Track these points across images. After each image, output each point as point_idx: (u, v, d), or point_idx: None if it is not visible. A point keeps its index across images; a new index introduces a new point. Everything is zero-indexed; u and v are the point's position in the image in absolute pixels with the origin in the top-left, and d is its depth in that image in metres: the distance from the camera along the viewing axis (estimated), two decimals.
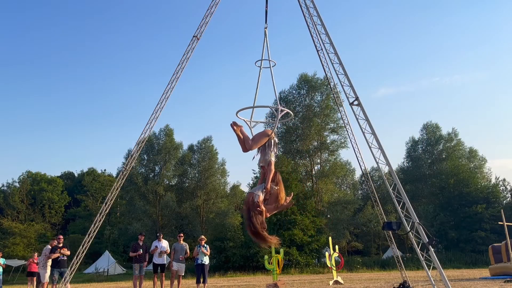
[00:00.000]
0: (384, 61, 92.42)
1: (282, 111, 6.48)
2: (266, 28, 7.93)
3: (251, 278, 24.11)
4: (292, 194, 5.97)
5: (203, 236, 13.49)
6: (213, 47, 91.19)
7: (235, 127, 5.94)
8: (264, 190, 5.41)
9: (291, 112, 6.82)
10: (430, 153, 47.21)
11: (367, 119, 9.90)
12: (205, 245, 12.96)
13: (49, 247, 12.69)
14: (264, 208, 5.38)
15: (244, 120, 6.32)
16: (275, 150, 5.86)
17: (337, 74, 10.42)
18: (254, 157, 5.89)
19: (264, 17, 8.47)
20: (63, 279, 11.77)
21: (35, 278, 17.10)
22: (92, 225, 11.84)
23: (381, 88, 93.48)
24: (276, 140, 5.96)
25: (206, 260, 12.79)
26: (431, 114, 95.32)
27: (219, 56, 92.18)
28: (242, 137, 5.84)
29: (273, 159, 5.71)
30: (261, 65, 7.42)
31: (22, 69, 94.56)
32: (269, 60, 7.43)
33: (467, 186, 40.50)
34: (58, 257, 12.34)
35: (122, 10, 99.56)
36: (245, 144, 5.77)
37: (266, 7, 8.65)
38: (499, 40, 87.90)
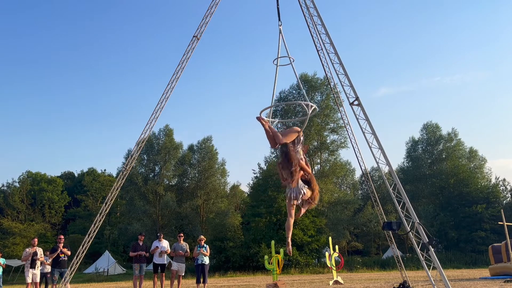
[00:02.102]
0: (385, 60, 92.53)
1: (308, 106, 6.48)
2: (280, 26, 7.99)
3: (251, 278, 24.11)
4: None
5: (202, 236, 13.48)
6: (213, 47, 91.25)
7: (263, 122, 5.91)
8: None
9: (316, 107, 6.82)
10: (430, 153, 47.18)
11: (367, 119, 9.89)
12: (205, 245, 12.96)
13: (28, 250, 12.63)
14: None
15: (269, 119, 6.34)
16: (301, 148, 5.90)
17: (337, 74, 10.41)
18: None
19: (277, 15, 8.59)
20: (63, 279, 11.77)
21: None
22: (92, 225, 11.83)
23: (381, 87, 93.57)
24: (302, 138, 5.97)
25: (206, 260, 12.79)
26: (431, 114, 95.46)
27: (219, 56, 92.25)
28: (270, 132, 5.82)
29: (302, 156, 5.77)
30: (277, 63, 7.44)
31: (22, 70, 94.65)
32: (289, 57, 7.48)
33: (467, 186, 40.49)
34: (59, 257, 12.35)
35: (122, 11, 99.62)
36: (275, 139, 5.75)
37: (278, 5, 8.70)
38: (500, 40, 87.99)
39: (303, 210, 5.76)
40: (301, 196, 5.60)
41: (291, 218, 5.61)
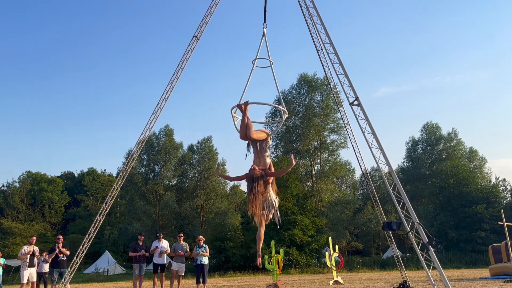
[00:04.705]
0: (386, 60, 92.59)
1: (284, 113, 6.53)
2: (265, 28, 7.97)
3: (251, 278, 24.10)
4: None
5: (201, 236, 13.36)
6: (213, 47, 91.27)
7: (247, 109, 5.85)
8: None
9: (287, 113, 6.85)
10: (430, 153, 47.18)
11: (367, 119, 9.89)
12: (204, 245, 12.91)
13: (26, 248, 12.54)
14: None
15: (238, 117, 6.35)
16: (269, 153, 5.92)
17: (337, 74, 10.41)
18: (246, 156, 5.94)
19: (263, 17, 8.52)
20: (63, 279, 11.76)
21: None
22: (92, 225, 11.84)
23: (382, 87, 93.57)
24: (270, 143, 5.98)
25: (205, 261, 12.75)
26: (432, 114, 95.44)
27: (219, 56, 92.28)
28: (246, 122, 5.77)
29: (269, 160, 5.78)
30: (254, 63, 7.45)
31: (22, 70, 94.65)
32: (269, 60, 7.46)
33: (467, 186, 40.46)
34: (58, 257, 12.32)
35: (122, 11, 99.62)
36: (247, 130, 5.71)
37: (265, 6, 8.69)
38: (501, 39, 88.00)
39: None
40: (272, 208, 5.72)
41: (262, 228, 5.67)
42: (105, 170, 68.48)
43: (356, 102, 10.00)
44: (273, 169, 5.81)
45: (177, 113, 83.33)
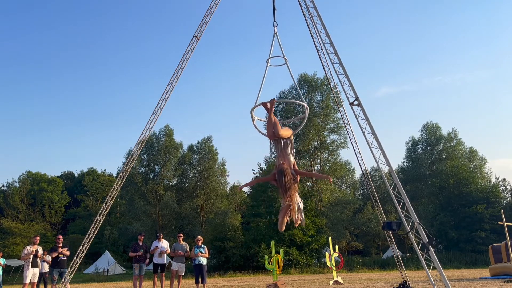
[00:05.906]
0: (386, 60, 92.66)
1: (305, 108, 6.59)
2: (275, 26, 8.02)
3: (251, 278, 24.10)
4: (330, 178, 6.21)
5: (200, 237, 13.17)
6: (213, 47, 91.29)
7: (273, 107, 5.86)
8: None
9: (307, 107, 6.88)
10: (430, 153, 47.20)
11: (367, 119, 9.88)
12: (203, 245, 12.86)
13: (30, 248, 12.48)
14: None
15: (259, 119, 6.36)
16: (293, 152, 5.92)
17: (337, 74, 10.39)
18: (272, 153, 5.99)
19: (272, 16, 8.54)
20: (63, 279, 11.76)
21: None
22: (92, 225, 11.82)
23: (382, 87, 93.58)
24: (293, 140, 6.01)
25: (203, 261, 12.70)
26: (432, 114, 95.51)
27: (219, 56, 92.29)
28: (273, 119, 5.78)
29: (293, 159, 5.80)
30: (268, 62, 7.48)
31: (22, 71, 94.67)
32: (284, 57, 7.50)
33: (467, 186, 40.47)
34: (58, 257, 12.30)
35: (122, 11, 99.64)
36: (274, 128, 5.70)
37: (273, 5, 8.70)
38: (502, 39, 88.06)
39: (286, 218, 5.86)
40: (299, 210, 5.73)
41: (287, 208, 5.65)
42: (105, 170, 68.58)
43: (356, 102, 9.99)
44: (297, 168, 5.84)
45: (177, 113, 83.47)
